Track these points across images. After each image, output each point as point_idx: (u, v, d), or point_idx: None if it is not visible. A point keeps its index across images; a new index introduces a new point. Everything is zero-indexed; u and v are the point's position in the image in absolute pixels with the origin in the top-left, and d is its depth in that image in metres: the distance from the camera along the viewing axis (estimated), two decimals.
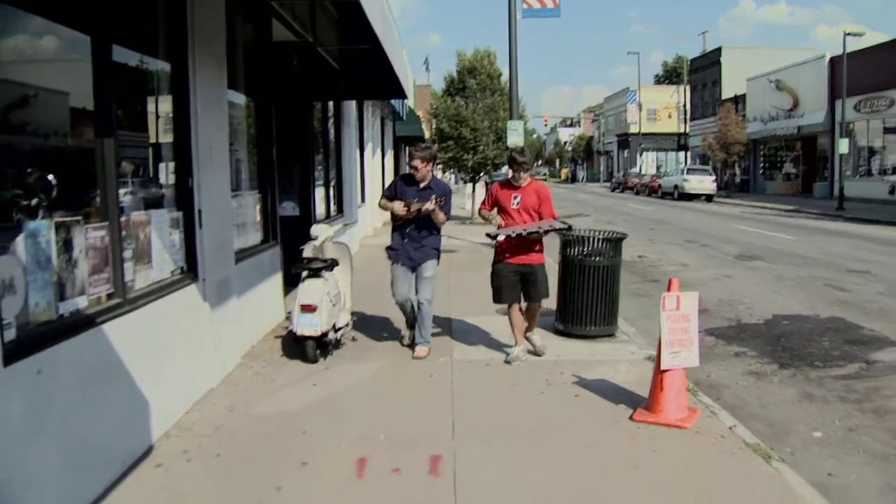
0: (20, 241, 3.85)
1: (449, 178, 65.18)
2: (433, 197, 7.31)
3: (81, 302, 4.46)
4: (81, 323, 4.34)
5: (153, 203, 5.80)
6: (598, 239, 8.34)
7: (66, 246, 4.30)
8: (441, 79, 27.46)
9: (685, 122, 59.58)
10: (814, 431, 6.02)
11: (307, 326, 7.05)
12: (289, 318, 8.24)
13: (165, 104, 6.20)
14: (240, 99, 8.31)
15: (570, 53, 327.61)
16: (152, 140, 6.04)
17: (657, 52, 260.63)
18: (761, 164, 49.95)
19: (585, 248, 8.34)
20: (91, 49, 4.75)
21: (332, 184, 15.15)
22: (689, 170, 44.21)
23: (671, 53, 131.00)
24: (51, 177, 4.40)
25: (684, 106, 60.26)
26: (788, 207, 32.97)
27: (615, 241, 8.41)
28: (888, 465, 5.34)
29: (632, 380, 6.70)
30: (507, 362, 7.33)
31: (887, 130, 35.19)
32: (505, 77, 22.49)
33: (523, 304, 7.59)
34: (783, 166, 47.87)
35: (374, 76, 13.33)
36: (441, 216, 7.49)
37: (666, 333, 5.68)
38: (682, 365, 5.70)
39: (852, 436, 5.93)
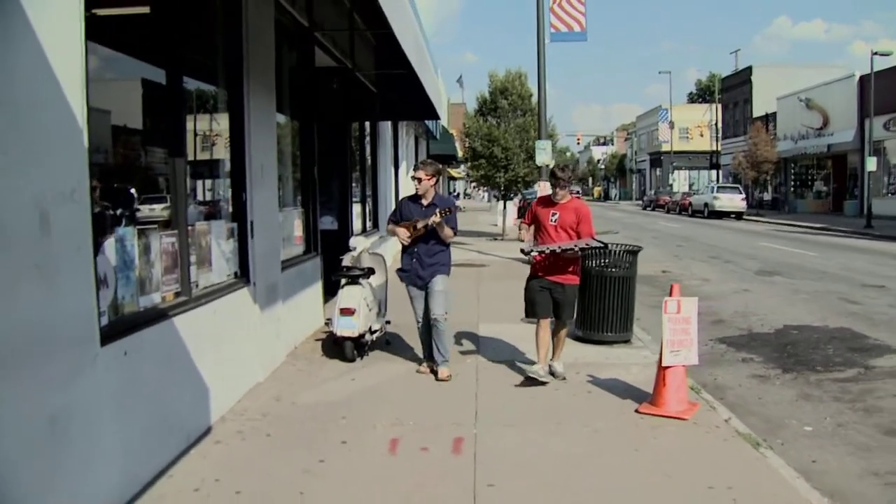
0: (111, 244, 4.62)
1: (483, 195, 65.97)
2: (438, 210, 7.22)
3: (156, 298, 5.23)
4: (157, 315, 5.10)
5: (213, 215, 6.58)
6: (616, 252, 8.97)
7: (145, 249, 5.08)
8: (475, 97, 28.03)
9: (717, 141, 59.92)
10: (805, 426, 6.61)
11: (346, 328, 7.77)
12: (328, 323, 9.00)
13: (222, 126, 6.99)
14: (285, 120, 9.10)
15: (602, 71, 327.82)
16: (212, 158, 6.83)
17: (691, 69, 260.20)
18: (792, 183, 50.14)
19: (604, 260, 8.97)
20: (166, 81, 5.55)
21: (369, 200, 15.93)
22: (719, 188, 44.62)
23: (706, 71, 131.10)
24: (133, 190, 5.18)
25: (716, 124, 60.60)
26: (816, 225, 33.23)
27: (631, 254, 9.04)
28: (869, 455, 5.91)
29: (641, 380, 7.32)
30: (528, 377, 7.26)
31: None
32: (535, 98, 23.21)
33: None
34: (814, 184, 48.05)
35: (408, 98, 14.19)
36: (448, 231, 7.37)
37: (667, 334, 6.33)
38: (682, 363, 6.33)
39: (840, 430, 6.50)
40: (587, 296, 8.99)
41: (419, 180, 7.40)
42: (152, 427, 4.90)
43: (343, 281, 8.19)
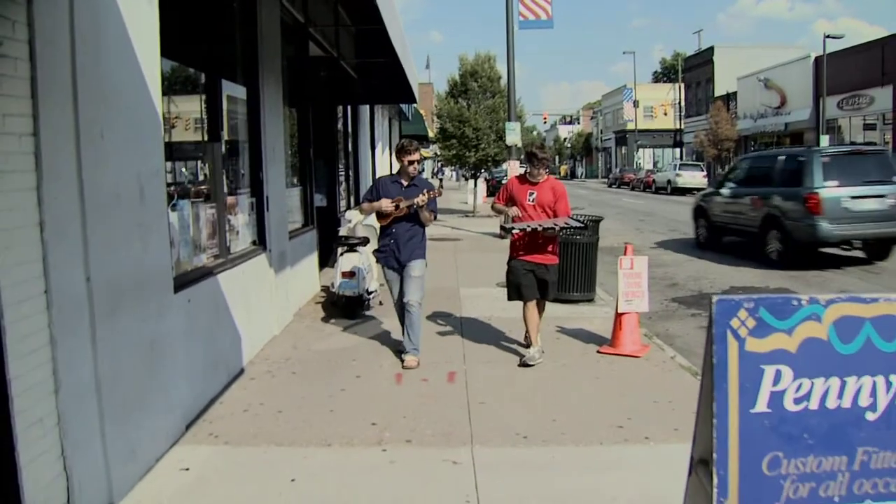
0: (174, 214, 5.75)
1: (451, 174, 67.16)
2: (425, 191, 7.15)
3: (204, 258, 6.38)
4: (206, 272, 6.25)
5: (238, 191, 7.71)
6: (581, 221, 10.17)
7: (196, 219, 6.22)
8: (443, 77, 29.12)
9: (680, 120, 61.51)
10: None
11: (348, 289, 8.95)
12: (324, 290, 10.19)
13: (240, 115, 8.09)
14: (285, 107, 10.19)
15: (569, 49, 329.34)
16: (235, 142, 7.93)
17: (658, 47, 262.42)
18: None
19: (570, 228, 10.16)
20: (205, 81, 6.68)
21: (351, 178, 17.05)
22: (681, 165, 46.20)
23: (671, 50, 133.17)
24: (184, 170, 6.30)
25: (679, 103, 62.18)
26: None
27: (593, 223, 10.27)
28: None
29: (602, 329, 8.56)
30: (524, 364, 7.18)
31: (867, 127, 37.07)
32: (504, 80, 24.34)
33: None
34: None
35: (385, 83, 15.32)
36: (427, 214, 7.30)
37: (622, 286, 7.58)
38: (635, 310, 7.58)
39: None
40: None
41: (412, 162, 7.27)
42: (206, 361, 6.06)
43: (342, 249, 9.34)
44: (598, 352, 7.67)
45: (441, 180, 63.93)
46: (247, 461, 4.95)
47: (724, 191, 16.51)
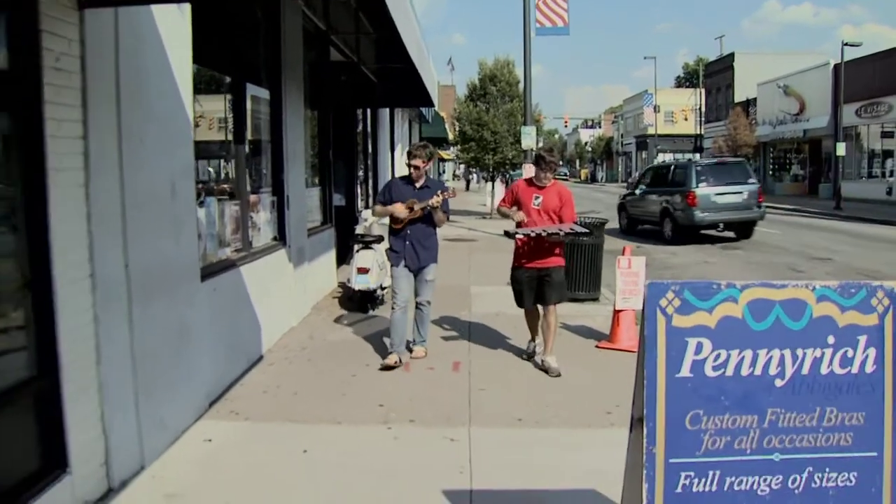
0: (201, 210, 6.26)
1: (472, 177, 67.61)
2: (439, 192, 7.22)
3: (228, 251, 6.89)
4: (229, 264, 6.77)
5: (260, 189, 8.22)
6: (586, 223, 10.62)
7: (221, 214, 6.73)
8: (464, 79, 29.68)
9: (700, 125, 61.65)
10: None
11: (362, 284, 9.44)
12: (340, 286, 10.70)
13: (263, 117, 8.60)
14: (307, 110, 10.71)
15: (593, 53, 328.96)
16: (258, 144, 8.45)
17: (682, 51, 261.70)
18: (770, 166, 51.88)
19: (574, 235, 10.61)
20: (231, 85, 7.20)
21: (370, 180, 17.56)
22: None
23: (695, 54, 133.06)
24: (210, 169, 6.82)
25: (700, 109, 62.31)
26: (789, 207, 34.94)
27: (599, 225, 10.71)
28: None
29: (604, 326, 8.98)
30: (528, 355, 7.55)
31: (885, 135, 37.16)
32: (522, 85, 24.78)
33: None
34: (791, 168, 49.81)
35: (405, 87, 15.81)
36: (441, 215, 7.34)
37: (620, 285, 8.03)
38: (632, 307, 8.02)
39: None
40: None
41: (417, 168, 7.29)
42: (228, 346, 6.57)
43: (358, 246, 9.84)
44: (597, 346, 8.11)
45: (469, 181, 64.37)
46: (264, 435, 5.46)
47: (637, 192, 22.71)
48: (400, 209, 7.25)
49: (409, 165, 7.43)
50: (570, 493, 4.47)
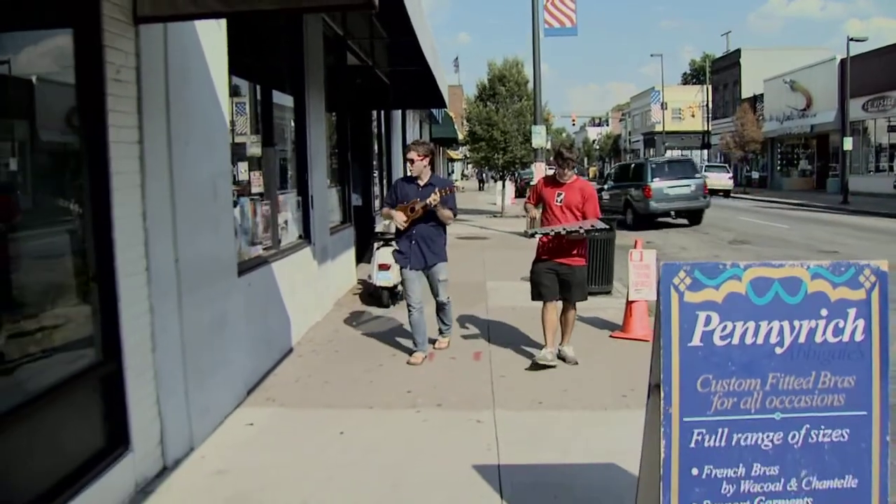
0: (235, 210, 6.63)
1: (484, 176, 68.06)
2: (437, 189, 7.12)
3: (259, 249, 7.27)
4: (261, 261, 7.14)
5: (286, 190, 8.59)
6: (605, 223, 10.94)
7: (253, 214, 7.11)
8: (472, 78, 30.10)
9: (708, 121, 61.89)
10: None
11: (384, 280, 9.81)
12: (360, 283, 11.08)
13: (287, 121, 8.98)
14: (326, 113, 11.09)
15: (600, 51, 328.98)
16: (285, 147, 8.83)
17: (687, 48, 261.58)
18: (778, 161, 52.12)
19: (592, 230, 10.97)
20: (260, 92, 7.58)
21: (385, 179, 17.94)
22: (707, 167, 46.65)
23: (701, 51, 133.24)
24: (242, 170, 7.18)
25: (707, 105, 62.55)
26: (797, 202, 35.22)
27: (609, 221, 11.05)
28: None
29: (617, 317, 9.33)
30: (535, 363, 7.21)
31: (891, 129, 37.37)
32: (531, 84, 25.15)
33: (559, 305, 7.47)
34: (799, 163, 50.05)
35: (416, 89, 16.18)
36: (446, 212, 7.25)
37: (632, 276, 8.38)
38: (644, 298, 8.36)
39: None
40: None
41: (412, 161, 7.24)
42: (262, 338, 6.94)
43: (378, 244, 10.21)
44: (611, 336, 8.46)
45: (482, 181, 64.63)
46: (301, 419, 5.83)
47: (606, 186, 26.89)
48: (398, 217, 7.24)
49: (405, 160, 7.47)
50: (592, 466, 4.81)
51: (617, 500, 4.17)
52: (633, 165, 26.79)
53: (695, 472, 2.97)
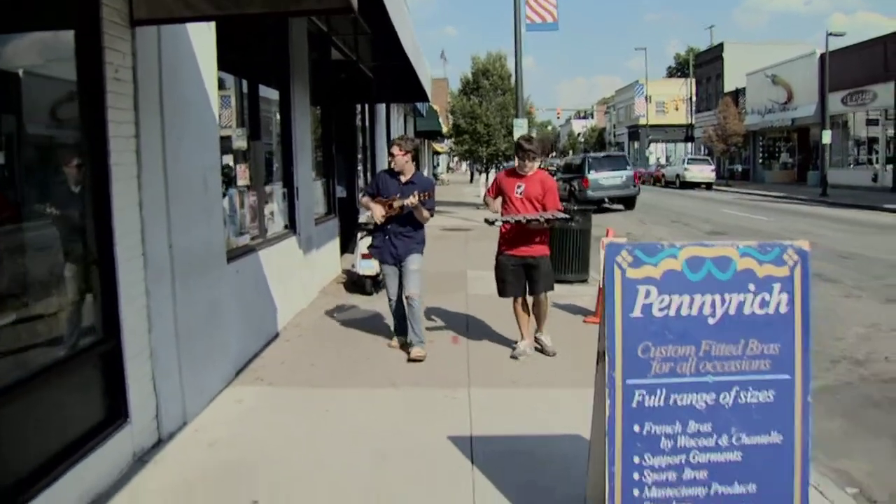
0: (224, 200, 6.97)
1: (465, 169, 68.39)
2: (416, 192, 7.06)
3: (246, 238, 7.61)
4: (248, 249, 7.49)
5: (272, 182, 8.94)
6: (573, 209, 11.35)
7: (241, 204, 7.46)
8: (457, 71, 30.52)
9: (692, 115, 62.47)
10: None
11: (367, 269, 10.18)
12: (345, 272, 11.45)
13: (274, 114, 9.32)
14: (311, 107, 11.42)
15: (585, 45, 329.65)
16: (271, 140, 9.17)
17: (673, 42, 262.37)
18: (760, 155, 52.74)
19: (559, 220, 11.35)
20: (247, 87, 7.92)
21: (369, 172, 18.28)
22: (689, 160, 47.34)
23: (685, 45, 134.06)
24: (230, 163, 7.52)
25: (691, 99, 63.12)
26: (778, 194, 35.78)
27: (585, 212, 11.45)
28: None
29: (591, 304, 9.72)
30: (514, 357, 7.33)
31: (870, 122, 37.98)
32: (514, 79, 25.57)
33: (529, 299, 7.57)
34: (780, 156, 50.70)
35: (401, 83, 16.49)
36: (425, 213, 7.22)
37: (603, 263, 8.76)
38: None
39: None
40: (554, 245, 11.37)
41: (392, 155, 7.25)
42: (250, 322, 7.30)
43: (362, 234, 10.56)
44: (584, 321, 8.86)
45: (473, 174, 64.74)
46: (288, 397, 6.20)
47: (555, 178, 27.49)
48: (378, 211, 7.25)
49: (388, 153, 7.49)
50: (558, 437, 5.21)
51: (576, 462, 4.54)
52: (575, 161, 31.42)
53: (636, 428, 3.36)
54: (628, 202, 27.84)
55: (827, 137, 34.97)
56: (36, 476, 3.83)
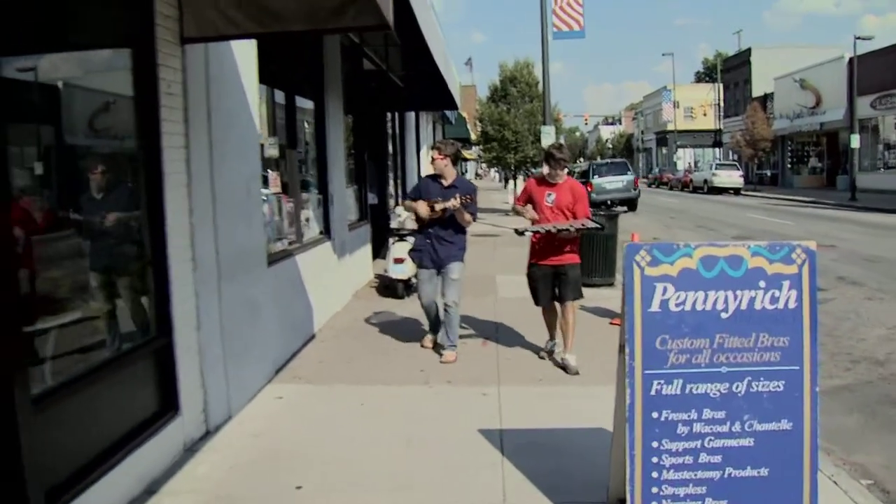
0: (265, 206, 7.30)
1: (494, 176, 68.64)
2: (458, 195, 7.17)
3: (284, 243, 7.95)
4: (287, 253, 7.83)
5: (308, 189, 9.28)
6: (599, 215, 11.59)
7: (279, 210, 7.80)
8: (485, 78, 30.89)
9: (719, 120, 62.31)
10: None
11: (399, 273, 10.49)
12: (377, 276, 11.77)
13: (308, 125, 9.66)
14: (345, 117, 11.77)
15: (612, 49, 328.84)
16: (306, 149, 9.51)
17: (702, 45, 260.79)
18: (788, 159, 52.50)
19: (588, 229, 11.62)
20: (284, 98, 8.28)
21: (400, 179, 18.65)
22: (717, 165, 47.26)
23: (714, 49, 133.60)
24: (268, 171, 7.86)
25: (718, 104, 62.97)
26: (806, 199, 35.69)
27: (612, 217, 11.70)
28: None
29: (617, 307, 9.89)
30: (543, 356, 7.65)
31: None
32: (541, 86, 25.85)
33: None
34: (809, 161, 50.43)
35: (430, 92, 16.83)
36: (467, 216, 7.31)
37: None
38: None
39: None
40: (581, 250, 11.61)
41: (433, 159, 7.38)
42: (288, 324, 7.63)
43: (393, 239, 10.88)
44: (611, 323, 9.10)
45: (507, 181, 64.84)
46: (326, 393, 6.52)
47: None
48: (422, 208, 7.36)
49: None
50: (584, 430, 5.46)
51: (600, 452, 4.80)
52: (582, 167, 36.80)
53: (655, 415, 3.63)
54: (630, 204, 30.16)
55: (856, 141, 34.83)
56: (99, 460, 4.16)
